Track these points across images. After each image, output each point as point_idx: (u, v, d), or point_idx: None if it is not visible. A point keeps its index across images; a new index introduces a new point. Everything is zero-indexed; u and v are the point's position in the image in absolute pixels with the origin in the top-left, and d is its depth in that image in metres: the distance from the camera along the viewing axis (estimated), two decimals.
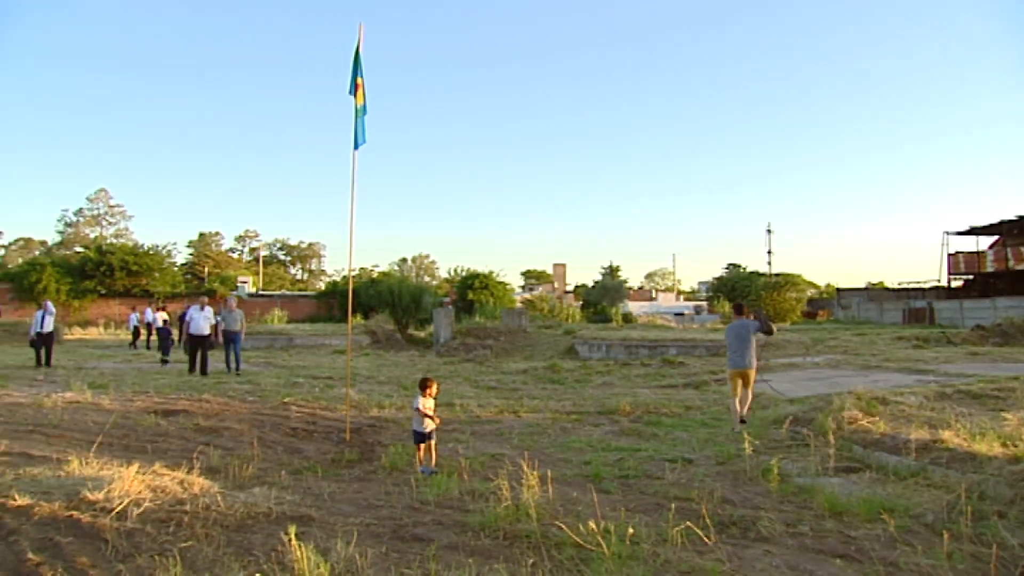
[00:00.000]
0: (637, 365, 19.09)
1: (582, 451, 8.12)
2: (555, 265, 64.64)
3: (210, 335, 16.17)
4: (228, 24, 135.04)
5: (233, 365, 16.52)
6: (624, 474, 6.92)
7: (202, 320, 16.15)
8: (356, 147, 8.77)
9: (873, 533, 4.91)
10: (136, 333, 27.66)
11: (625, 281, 67.49)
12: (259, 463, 7.28)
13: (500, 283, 48.79)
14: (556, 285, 62.50)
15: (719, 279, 68.44)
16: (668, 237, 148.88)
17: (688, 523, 4.80)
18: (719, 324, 37.36)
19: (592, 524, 4.54)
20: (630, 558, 4.36)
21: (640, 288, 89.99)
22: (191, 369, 15.96)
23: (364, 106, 8.84)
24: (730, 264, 70.64)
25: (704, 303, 65.05)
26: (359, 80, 8.76)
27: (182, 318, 27.06)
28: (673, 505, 5.22)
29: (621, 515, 5.05)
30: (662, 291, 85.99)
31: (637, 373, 17.31)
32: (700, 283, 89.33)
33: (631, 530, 4.60)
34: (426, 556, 4.40)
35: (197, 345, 16.03)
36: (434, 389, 6.90)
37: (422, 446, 6.63)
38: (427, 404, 6.84)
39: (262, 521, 5.03)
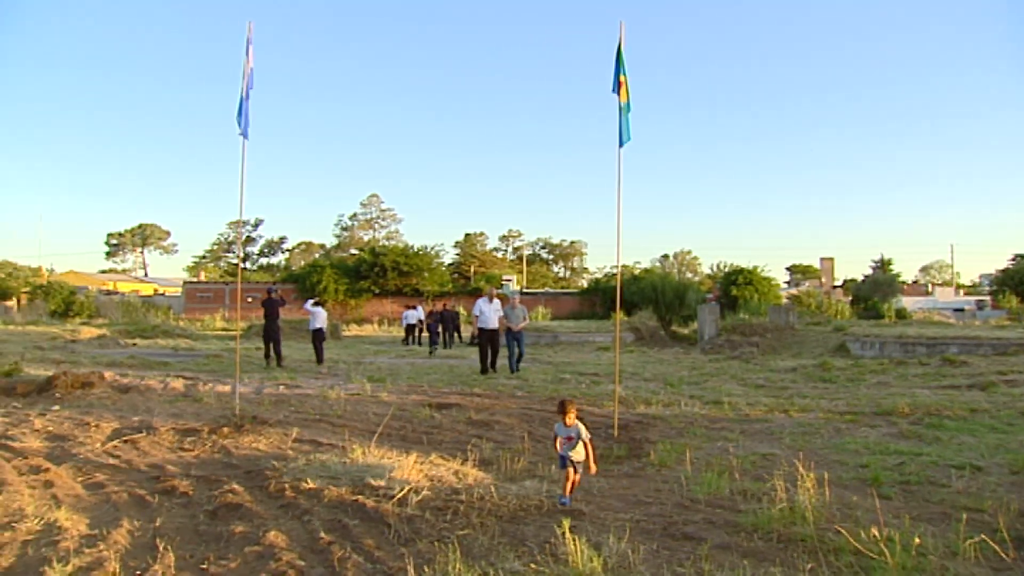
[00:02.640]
0: (914, 364, 19.04)
1: (858, 453, 8.11)
2: (822, 259, 69.02)
3: (499, 329, 16.95)
4: (489, 20, 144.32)
5: (515, 363, 17.02)
6: (905, 479, 6.86)
7: (491, 313, 16.90)
8: (621, 145, 9.34)
9: None
10: (409, 330, 31.42)
11: (898, 275, 64.83)
12: (529, 456, 7.98)
13: (765, 278, 50.65)
14: (823, 280, 66.23)
15: (1004, 272, 61.89)
16: (945, 227, 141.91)
17: (983, 536, 4.62)
18: (1005, 321, 35.42)
19: (874, 531, 4.57)
20: (916, 570, 4.31)
21: (914, 282, 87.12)
22: (483, 367, 16.69)
23: (628, 104, 9.37)
24: (1017, 255, 63.19)
25: (987, 298, 62.33)
26: (622, 78, 9.31)
27: (441, 315, 30.40)
28: (963, 516, 5.01)
29: (905, 523, 4.98)
30: (939, 285, 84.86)
31: (914, 372, 17.26)
32: (982, 276, 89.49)
33: (917, 540, 4.48)
34: (698, 555, 4.61)
35: (487, 339, 16.83)
36: (572, 415, 6.00)
37: (568, 471, 5.93)
38: (566, 430, 5.98)
39: (534, 513, 5.54)
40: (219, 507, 5.76)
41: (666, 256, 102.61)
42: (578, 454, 5.90)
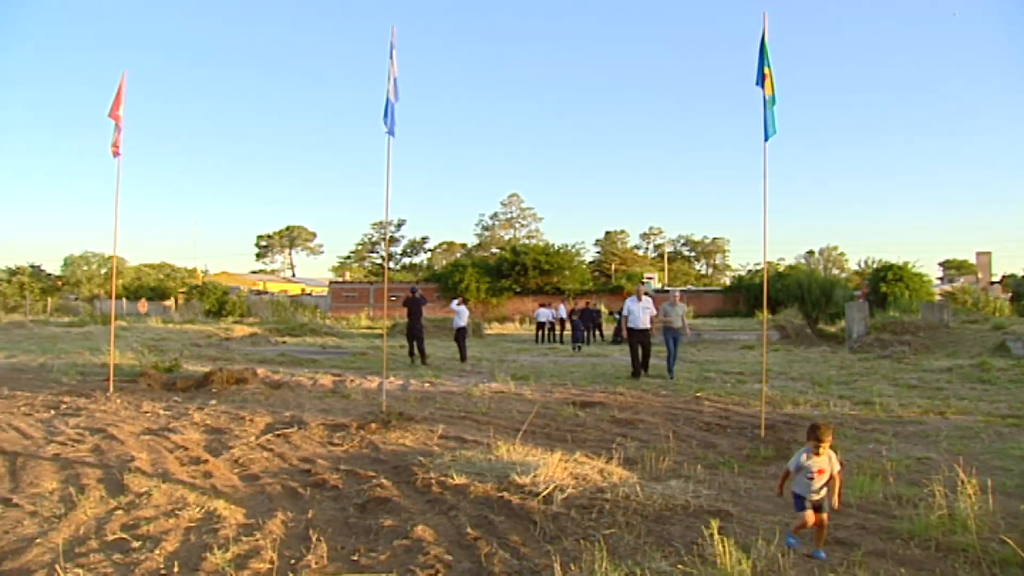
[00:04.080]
0: None
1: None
2: (978, 254, 66.63)
3: (650, 329, 16.22)
4: (629, 16, 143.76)
5: (671, 365, 16.21)
6: None
7: (641, 312, 16.04)
8: (766, 139, 9.29)
9: None
10: (552, 328, 32.05)
11: None
12: (674, 456, 7.93)
13: (916, 274, 49.80)
14: (980, 276, 63.91)
15: None
16: None
17: None
18: None
19: None
20: None
21: None
22: (634, 370, 15.89)
23: (773, 96, 9.28)
24: None
25: None
26: (767, 70, 9.22)
27: (582, 313, 30.53)
28: None
29: None
30: None
31: None
32: None
33: None
34: (851, 561, 4.52)
35: (637, 340, 16.03)
36: (827, 443, 4.89)
37: (808, 515, 4.89)
38: (817, 463, 4.90)
39: (680, 513, 5.49)
40: (368, 501, 5.96)
41: (811, 252, 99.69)
42: (820, 491, 4.87)
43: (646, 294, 16.25)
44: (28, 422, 9.78)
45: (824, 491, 4.91)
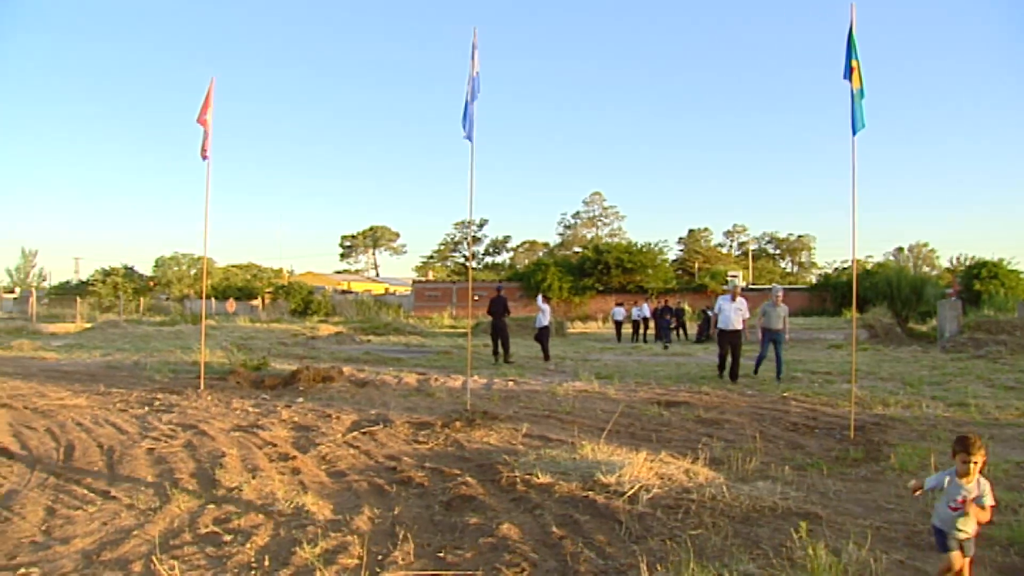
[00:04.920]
0: None
1: None
2: None
3: (742, 330, 15.34)
4: (711, 13, 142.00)
5: (775, 371, 15.31)
6: None
7: (732, 312, 15.25)
8: (854, 132, 9.18)
9: None
10: (636, 327, 32.29)
11: None
12: (761, 457, 7.83)
13: (1012, 271, 49.52)
14: None
15: None
16: None
17: None
18: None
19: None
20: None
21: None
22: (720, 370, 15.36)
23: (862, 90, 9.15)
24: None
25: None
26: (855, 63, 9.10)
27: (663, 312, 30.34)
28: None
29: None
30: None
31: None
32: None
33: None
34: None
35: (726, 341, 15.26)
36: (980, 460, 3.94)
37: (953, 557, 4.00)
38: (965, 488, 3.98)
39: (767, 515, 5.41)
40: (453, 498, 6.02)
41: (901, 249, 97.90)
42: (968, 524, 3.94)
43: (741, 294, 15.67)
44: (124, 418, 10.17)
45: (973, 527, 3.96)
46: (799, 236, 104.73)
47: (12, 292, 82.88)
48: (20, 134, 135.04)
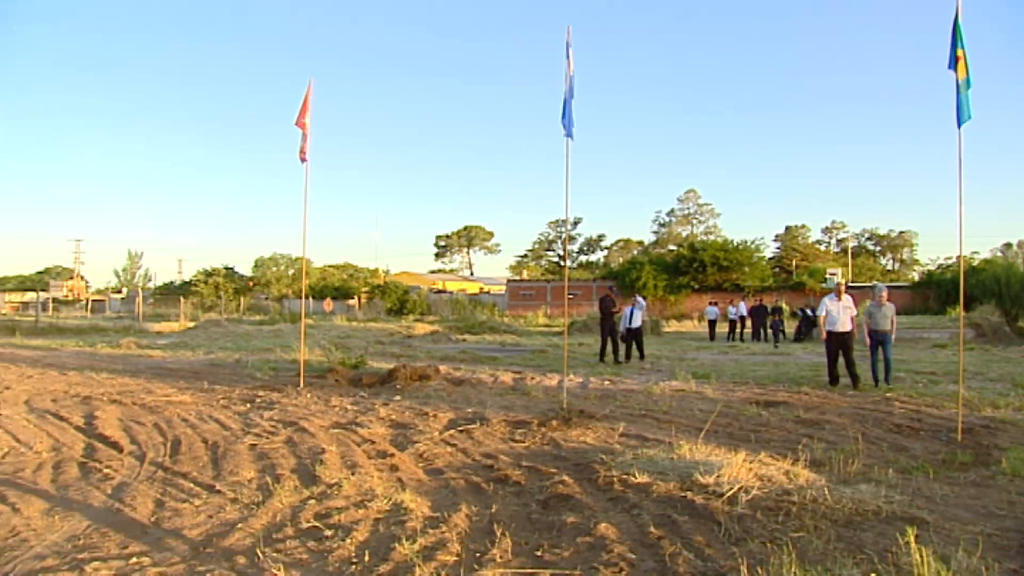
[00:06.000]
0: None
1: None
2: None
3: (852, 331, 14.30)
4: (805, 7, 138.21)
5: (881, 374, 14.21)
6: None
7: (840, 312, 14.15)
8: (960, 124, 8.95)
9: None
10: (732, 326, 32.01)
11: None
12: (863, 459, 7.60)
13: None
14: None
15: None
16: None
17: None
18: None
19: None
20: None
21: None
22: (831, 378, 14.13)
23: (968, 79, 8.91)
24: None
25: None
26: (960, 52, 8.87)
27: (757, 310, 29.79)
28: None
29: None
30: None
31: None
32: None
33: None
34: None
35: (836, 344, 14.16)
36: None
37: None
38: None
39: (871, 519, 5.26)
40: (550, 497, 6.03)
41: (1009, 245, 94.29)
42: None
43: (846, 292, 14.61)
44: (226, 414, 10.52)
45: None
46: (900, 232, 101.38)
47: (119, 292, 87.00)
48: (130, 140, 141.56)
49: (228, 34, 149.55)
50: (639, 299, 20.81)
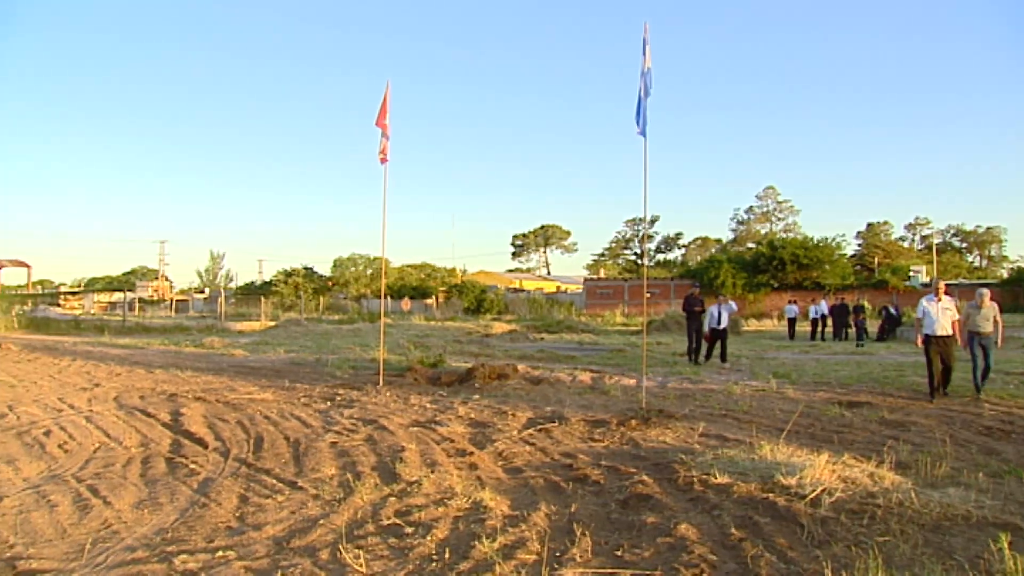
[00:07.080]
0: None
1: None
2: None
3: (953, 335, 13.00)
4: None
5: (979, 379, 13.01)
6: None
7: (940, 313, 12.91)
8: None
9: None
10: (814, 325, 31.41)
11: None
12: (951, 462, 7.40)
13: None
14: None
15: None
16: None
17: None
18: None
19: None
20: None
21: None
22: (931, 387, 12.62)
23: None
24: None
25: None
26: None
27: (839, 309, 29.11)
28: None
29: None
30: None
31: None
32: None
33: None
34: None
35: (936, 349, 12.81)
36: None
37: None
38: None
39: (960, 524, 5.13)
40: (629, 497, 6.01)
41: None
42: None
43: (947, 293, 13.06)
44: (307, 412, 10.73)
45: None
46: (988, 228, 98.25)
47: (202, 292, 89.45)
48: (213, 144, 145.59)
49: (306, 35, 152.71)
50: (728, 300, 20.47)
